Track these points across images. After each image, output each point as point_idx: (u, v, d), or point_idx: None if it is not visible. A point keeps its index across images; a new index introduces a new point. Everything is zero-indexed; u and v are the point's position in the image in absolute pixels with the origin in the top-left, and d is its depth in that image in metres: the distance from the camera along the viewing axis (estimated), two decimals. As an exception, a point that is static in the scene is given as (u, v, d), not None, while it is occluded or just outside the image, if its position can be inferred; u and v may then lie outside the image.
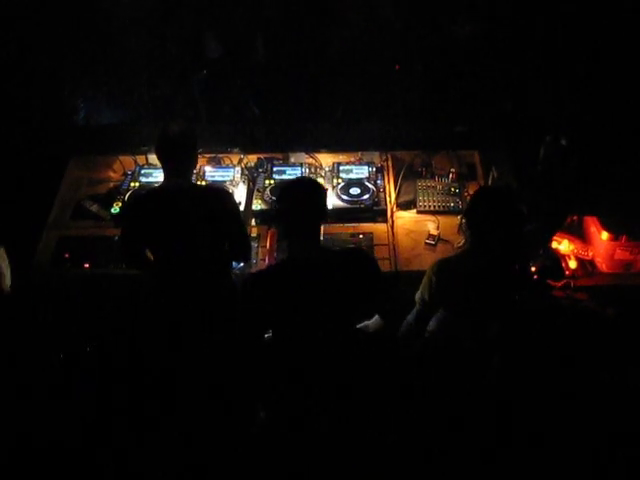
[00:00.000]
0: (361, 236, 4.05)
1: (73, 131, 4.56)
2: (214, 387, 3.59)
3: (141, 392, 3.79)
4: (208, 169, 4.37)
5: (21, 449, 3.59)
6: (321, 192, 2.77)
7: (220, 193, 3.47)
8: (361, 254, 2.95)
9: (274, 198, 3.96)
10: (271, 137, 4.58)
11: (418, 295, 3.07)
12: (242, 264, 3.81)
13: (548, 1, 4.61)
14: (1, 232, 3.96)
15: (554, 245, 4.12)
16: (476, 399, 3.37)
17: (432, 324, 3.18)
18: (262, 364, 3.01)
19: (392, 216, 4.15)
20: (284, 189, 2.79)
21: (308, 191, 2.73)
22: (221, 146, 4.53)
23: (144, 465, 3.55)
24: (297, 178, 3.71)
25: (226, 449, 3.61)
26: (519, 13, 4.67)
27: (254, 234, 4.04)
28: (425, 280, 3.00)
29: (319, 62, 4.85)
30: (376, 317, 3.23)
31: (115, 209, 4.11)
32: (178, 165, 3.22)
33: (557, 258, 4.05)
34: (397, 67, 4.89)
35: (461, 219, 3.69)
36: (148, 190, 3.85)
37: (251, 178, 4.35)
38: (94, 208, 4.25)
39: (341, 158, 4.51)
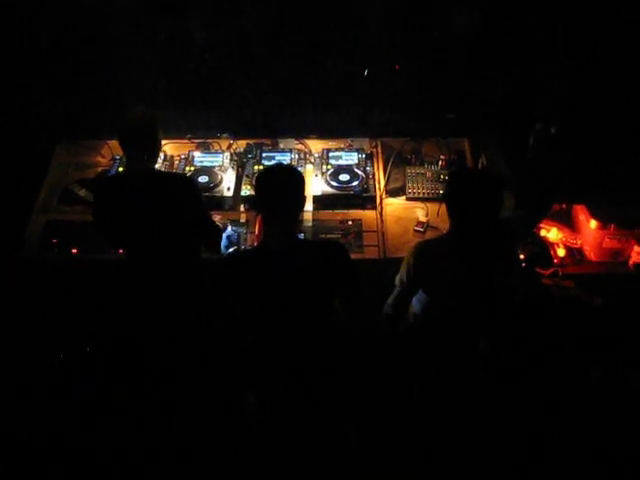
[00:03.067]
0: (350, 223, 4.04)
1: (61, 115, 4.51)
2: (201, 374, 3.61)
3: (125, 383, 3.82)
4: (197, 154, 4.36)
5: (19, 448, 3.62)
6: (298, 180, 2.72)
7: (180, 179, 3.49)
8: (336, 247, 2.90)
9: (255, 182, 3.95)
10: (261, 122, 4.55)
11: (397, 277, 3.08)
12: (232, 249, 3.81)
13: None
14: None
15: (543, 233, 4.13)
16: (463, 383, 3.39)
17: (416, 307, 3.18)
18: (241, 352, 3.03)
19: (381, 203, 4.14)
20: (260, 176, 2.76)
21: (284, 179, 2.69)
22: (210, 131, 4.51)
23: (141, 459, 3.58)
24: (275, 165, 3.70)
25: (218, 439, 3.65)
26: (513, 4, 4.63)
27: (242, 220, 4.02)
28: (404, 262, 3.03)
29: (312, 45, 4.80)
30: None
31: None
32: (139, 151, 3.19)
33: (545, 246, 4.07)
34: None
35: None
36: (111, 176, 3.87)
37: (240, 164, 4.34)
38: (82, 193, 4.22)
39: (330, 144, 4.50)
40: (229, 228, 3.89)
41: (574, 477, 3.49)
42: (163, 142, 4.31)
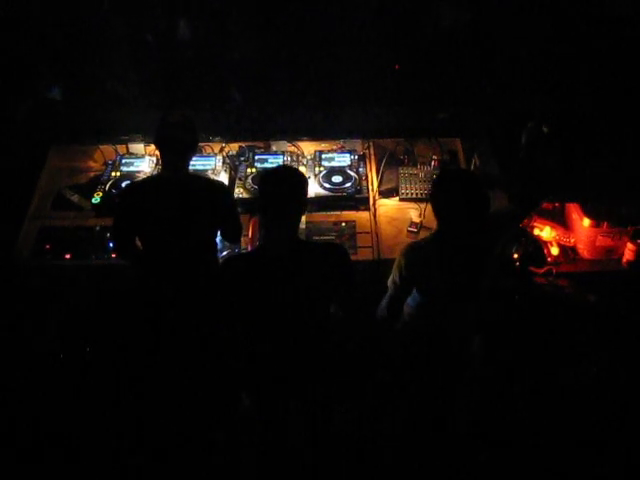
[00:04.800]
0: (343, 224, 4.04)
1: (52, 120, 4.50)
2: (199, 375, 3.61)
3: (128, 382, 3.82)
4: (189, 158, 4.35)
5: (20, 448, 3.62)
6: (302, 182, 2.72)
7: (217, 188, 3.45)
8: (338, 249, 2.88)
9: (256, 187, 3.95)
10: (253, 125, 4.54)
11: (390, 279, 3.08)
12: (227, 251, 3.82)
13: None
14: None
15: (536, 232, 4.14)
16: (457, 382, 3.39)
17: (412, 308, 3.18)
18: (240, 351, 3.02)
19: (374, 204, 4.14)
20: (264, 177, 2.75)
21: (288, 181, 2.67)
22: (202, 134, 4.49)
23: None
24: (279, 166, 3.70)
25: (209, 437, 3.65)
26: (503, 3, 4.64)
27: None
28: (395, 263, 3.03)
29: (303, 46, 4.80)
30: None
31: (96, 199, 4.09)
32: (176, 156, 3.20)
33: (539, 245, 4.07)
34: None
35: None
36: (144, 179, 3.86)
37: (233, 167, 4.34)
38: (75, 198, 4.22)
39: (323, 146, 4.50)
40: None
41: (573, 474, 3.50)
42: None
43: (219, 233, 3.52)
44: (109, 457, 3.60)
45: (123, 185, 4.08)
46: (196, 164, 4.29)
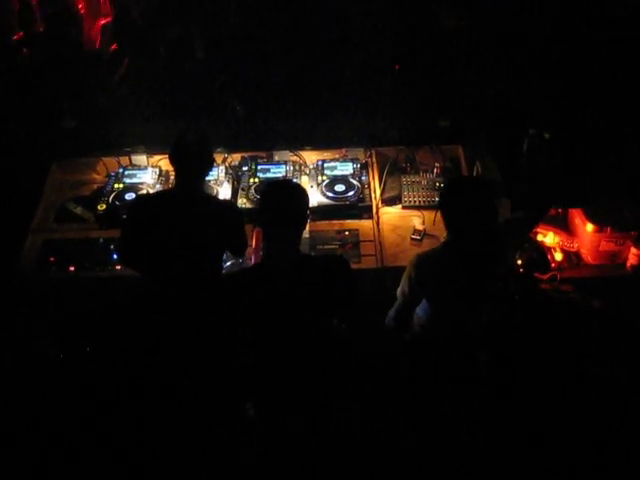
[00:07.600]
0: (347, 233, 4.04)
1: (55, 133, 4.52)
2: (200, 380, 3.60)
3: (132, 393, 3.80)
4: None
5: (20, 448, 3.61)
6: (303, 196, 2.73)
7: (226, 210, 3.47)
8: (339, 261, 2.89)
9: (259, 197, 3.96)
10: (255, 135, 4.56)
11: (399, 289, 3.08)
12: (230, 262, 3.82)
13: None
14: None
15: (539, 238, 4.13)
16: (466, 391, 3.38)
17: (422, 318, 3.17)
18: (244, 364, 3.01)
19: (377, 212, 4.15)
20: (264, 191, 2.77)
21: (288, 195, 2.69)
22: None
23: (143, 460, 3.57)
24: (279, 180, 3.72)
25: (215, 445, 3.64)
26: (502, 6, 4.66)
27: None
28: (405, 274, 3.02)
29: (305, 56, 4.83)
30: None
31: (100, 211, 4.09)
32: (190, 174, 3.25)
33: (543, 251, 4.06)
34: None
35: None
36: (155, 192, 3.88)
37: (235, 177, 4.34)
38: (78, 210, 4.23)
39: (325, 155, 4.50)
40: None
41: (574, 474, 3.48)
42: (158, 157, 4.37)
43: None
44: (109, 457, 3.58)
45: (131, 197, 4.10)
46: (199, 175, 4.31)
